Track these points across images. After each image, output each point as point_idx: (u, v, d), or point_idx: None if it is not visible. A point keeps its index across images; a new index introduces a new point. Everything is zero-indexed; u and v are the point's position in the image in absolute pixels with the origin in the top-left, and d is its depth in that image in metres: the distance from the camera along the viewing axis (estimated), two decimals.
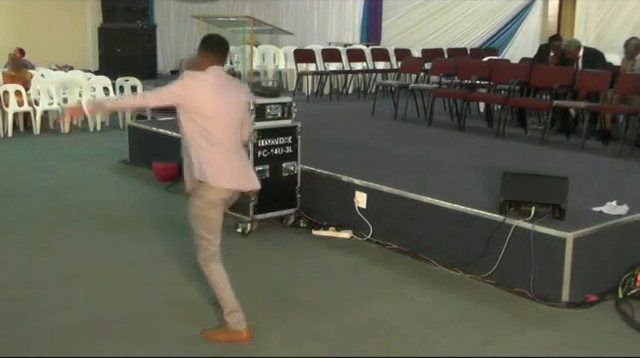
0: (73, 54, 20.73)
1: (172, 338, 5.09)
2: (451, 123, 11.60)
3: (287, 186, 7.59)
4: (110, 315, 5.47)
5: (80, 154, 11.65)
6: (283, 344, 5.05)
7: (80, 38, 21.93)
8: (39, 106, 13.98)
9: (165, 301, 5.77)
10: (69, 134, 13.86)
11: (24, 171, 10.58)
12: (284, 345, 5.04)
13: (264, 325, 5.28)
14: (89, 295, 5.87)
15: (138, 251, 6.86)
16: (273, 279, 6.30)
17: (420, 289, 6.09)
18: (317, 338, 5.14)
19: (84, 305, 5.66)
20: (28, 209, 8.47)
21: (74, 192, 9.18)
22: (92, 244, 7.15)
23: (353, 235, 7.32)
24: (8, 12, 20.97)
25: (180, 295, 5.86)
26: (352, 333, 5.23)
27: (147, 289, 6.00)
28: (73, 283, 6.12)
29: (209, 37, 5.34)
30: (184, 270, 6.30)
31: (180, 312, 5.54)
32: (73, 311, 5.54)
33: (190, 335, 5.10)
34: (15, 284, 6.11)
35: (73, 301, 5.73)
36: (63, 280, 6.19)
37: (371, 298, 5.90)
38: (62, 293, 5.89)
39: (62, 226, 7.82)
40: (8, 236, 7.45)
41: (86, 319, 5.38)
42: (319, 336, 5.18)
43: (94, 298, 5.81)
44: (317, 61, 16.40)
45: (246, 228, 7.39)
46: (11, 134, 13.56)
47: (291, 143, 7.54)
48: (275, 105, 7.43)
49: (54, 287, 6.01)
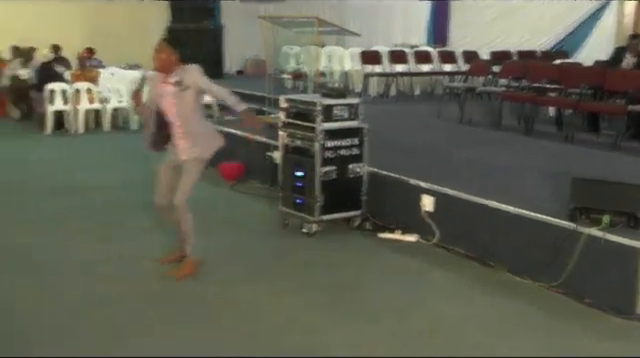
0: (142, 54, 20.95)
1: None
2: (519, 127, 11.39)
3: (353, 188, 7.53)
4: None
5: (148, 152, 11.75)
6: (345, 345, 5.02)
7: (149, 38, 22.12)
8: (109, 104, 14.20)
9: (224, 300, 5.79)
10: (138, 131, 14.02)
11: (92, 167, 10.76)
12: (346, 346, 5.01)
13: (327, 325, 5.29)
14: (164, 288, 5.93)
15: (200, 248, 6.87)
16: (337, 280, 6.27)
17: (484, 295, 5.98)
18: (378, 340, 5.10)
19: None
20: (92, 204, 8.66)
21: (139, 189, 9.26)
22: (156, 240, 7.21)
23: (419, 239, 7.24)
24: (80, 13, 21.36)
25: (241, 294, 5.87)
26: (412, 336, 5.18)
27: (210, 286, 6.04)
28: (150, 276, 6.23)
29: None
30: (247, 268, 6.31)
31: (240, 311, 5.54)
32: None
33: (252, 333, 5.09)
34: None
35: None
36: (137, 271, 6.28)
37: (433, 302, 5.82)
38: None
39: (126, 222, 7.97)
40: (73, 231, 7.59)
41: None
42: (380, 338, 5.13)
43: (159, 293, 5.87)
44: (383, 62, 16.31)
45: (311, 229, 7.36)
46: (82, 131, 13.81)
47: (357, 144, 7.48)
48: (342, 106, 7.38)
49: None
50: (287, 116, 7.60)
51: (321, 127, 7.18)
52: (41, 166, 11.04)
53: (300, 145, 7.40)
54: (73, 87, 14.11)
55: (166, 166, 6.26)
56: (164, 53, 5.98)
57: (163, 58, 5.98)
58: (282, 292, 5.96)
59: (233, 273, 6.36)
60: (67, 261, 6.68)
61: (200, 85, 6.06)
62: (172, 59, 6.00)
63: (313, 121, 7.22)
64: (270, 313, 5.52)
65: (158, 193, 6.28)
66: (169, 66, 6.00)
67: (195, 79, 6.03)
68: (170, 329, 5.24)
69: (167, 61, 5.99)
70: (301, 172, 7.41)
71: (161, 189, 6.26)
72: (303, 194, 7.41)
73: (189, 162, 6.10)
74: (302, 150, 7.37)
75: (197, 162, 6.14)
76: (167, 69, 6.01)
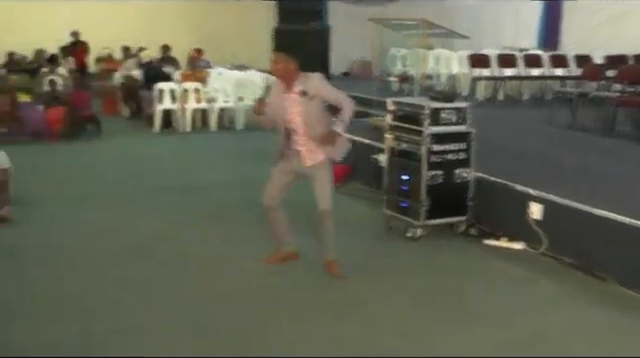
0: (248, 54, 21.26)
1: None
2: (633, 134, 11.01)
3: (459, 193, 7.43)
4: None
5: (253, 151, 11.89)
6: (447, 350, 4.98)
7: (256, 39, 22.47)
8: (216, 104, 14.44)
9: (329, 300, 5.80)
10: (244, 131, 14.24)
11: (200, 166, 10.97)
12: (448, 351, 4.96)
13: (429, 331, 5.27)
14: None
15: (305, 249, 6.90)
16: (440, 286, 6.21)
17: (592, 307, 5.80)
18: (481, 346, 5.03)
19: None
20: (201, 202, 8.86)
21: (246, 189, 9.37)
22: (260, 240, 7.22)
23: (526, 247, 7.08)
24: (189, 14, 21.84)
25: (346, 294, 5.87)
26: (515, 345, 5.09)
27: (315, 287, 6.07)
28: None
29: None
30: (351, 270, 6.31)
31: (346, 312, 5.54)
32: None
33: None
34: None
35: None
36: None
37: (537, 312, 5.68)
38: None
39: (234, 220, 8.09)
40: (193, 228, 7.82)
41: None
42: (483, 344, 5.06)
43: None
44: (492, 66, 16.05)
45: (416, 233, 7.30)
46: (189, 130, 14.08)
47: (465, 149, 7.38)
48: (450, 110, 7.29)
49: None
50: (394, 119, 7.56)
51: (428, 131, 7.10)
52: (151, 164, 11.34)
53: (406, 148, 7.34)
54: (181, 87, 14.41)
55: (281, 172, 6.31)
56: (281, 63, 5.96)
57: (280, 68, 5.97)
58: (388, 295, 5.96)
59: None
60: (189, 256, 6.92)
61: (324, 94, 6.03)
62: (291, 68, 5.96)
63: (420, 124, 7.15)
64: (376, 315, 5.53)
65: (268, 195, 6.34)
66: (289, 75, 5.97)
67: (319, 88, 6.01)
68: (287, 326, 5.35)
69: (286, 71, 5.97)
70: (407, 176, 7.36)
71: (271, 191, 6.33)
72: (408, 198, 7.35)
73: (316, 168, 6.13)
74: (408, 153, 7.32)
75: (324, 165, 6.16)
76: (287, 79, 5.99)
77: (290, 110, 6.03)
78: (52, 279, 6.27)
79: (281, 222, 6.45)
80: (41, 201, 8.88)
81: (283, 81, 6.03)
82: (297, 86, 5.97)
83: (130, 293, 5.96)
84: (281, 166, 6.30)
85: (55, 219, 8.15)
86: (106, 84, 17.38)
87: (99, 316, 5.48)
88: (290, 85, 6.00)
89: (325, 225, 6.23)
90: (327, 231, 6.25)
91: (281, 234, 6.53)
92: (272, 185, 6.33)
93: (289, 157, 6.22)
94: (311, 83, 5.98)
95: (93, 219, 8.14)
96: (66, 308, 5.65)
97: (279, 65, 5.96)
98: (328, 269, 6.33)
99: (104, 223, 7.98)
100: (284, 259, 6.58)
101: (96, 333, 5.19)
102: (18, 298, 5.85)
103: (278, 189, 6.31)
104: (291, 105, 6.01)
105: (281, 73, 5.99)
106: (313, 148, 6.09)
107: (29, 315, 5.50)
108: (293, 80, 5.98)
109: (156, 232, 7.66)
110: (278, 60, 5.96)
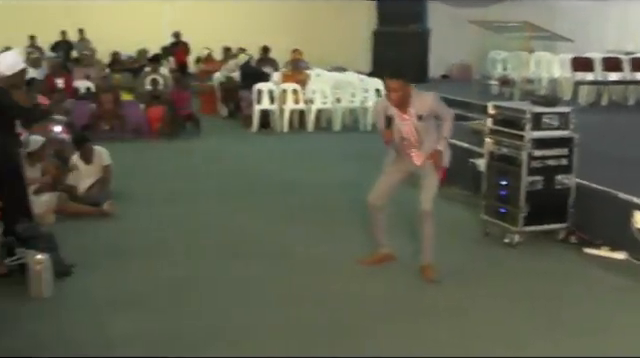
0: (347, 56, 21.31)
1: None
2: None
3: (559, 199, 7.26)
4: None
5: (350, 153, 11.92)
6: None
7: (354, 41, 22.51)
8: (313, 105, 14.51)
9: (428, 304, 5.73)
10: (340, 133, 14.28)
11: (297, 166, 11.06)
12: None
13: (528, 336, 5.23)
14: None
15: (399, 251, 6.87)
16: (538, 293, 6.11)
17: None
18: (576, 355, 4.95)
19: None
20: (298, 202, 8.95)
21: (342, 189, 9.42)
22: (355, 241, 7.28)
23: (629, 257, 6.87)
24: (288, 15, 21.99)
25: (443, 298, 5.81)
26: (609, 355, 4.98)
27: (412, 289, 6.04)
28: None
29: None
30: (448, 273, 6.28)
31: (444, 315, 5.50)
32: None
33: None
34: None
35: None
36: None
37: (636, 325, 5.51)
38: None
39: (329, 220, 8.14)
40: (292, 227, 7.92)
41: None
42: (578, 354, 4.97)
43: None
44: (595, 70, 15.64)
45: (514, 239, 7.19)
46: (286, 130, 14.20)
47: (567, 155, 7.21)
48: (552, 115, 7.15)
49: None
50: (494, 123, 7.46)
51: (529, 135, 6.98)
52: (250, 163, 11.47)
53: (506, 153, 7.23)
54: (280, 87, 14.54)
55: (395, 171, 6.36)
56: (399, 91, 5.92)
57: (400, 96, 5.93)
58: (484, 300, 5.91)
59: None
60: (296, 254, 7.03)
61: (437, 112, 6.12)
62: (407, 92, 5.96)
63: (521, 129, 7.03)
64: (472, 320, 5.49)
65: (375, 194, 6.39)
66: (405, 100, 5.97)
67: (432, 108, 6.07)
68: (381, 328, 5.36)
69: (403, 97, 5.95)
70: (506, 181, 7.25)
71: (380, 191, 6.38)
72: (507, 203, 7.24)
73: (427, 169, 6.18)
74: (508, 158, 7.20)
75: (433, 168, 6.21)
76: (404, 104, 5.99)
77: (404, 129, 6.08)
78: (152, 274, 6.43)
79: (382, 223, 6.50)
80: (141, 197, 9.11)
81: (398, 107, 6.02)
82: (411, 109, 6.00)
83: (230, 291, 6.07)
84: (393, 165, 6.34)
85: (155, 215, 8.34)
86: (205, 84, 17.68)
87: (198, 313, 5.59)
88: (404, 108, 6.02)
89: (425, 227, 6.23)
90: (426, 233, 6.25)
91: (380, 235, 6.58)
92: (381, 184, 6.38)
93: (401, 157, 6.27)
94: (425, 104, 6.02)
95: (193, 216, 8.30)
96: (167, 304, 5.79)
97: (396, 93, 5.93)
98: (423, 273, 6.30)
99: (204, 220, 8.14)
100: (380, 261, 6.58)
101: (196, 329, 5.29)
102: (121, 292, 6.02)
103: (386, 188, 6.37)
104: (406, 125, 6.06)
105: (398, 101, 5.97)
106: (423, 152, 6.16)
107: (129, 308, 5.64)
108: (408, 102, 5.99)
109: (256, 231, 7.76)
110: (394, 88, 5.93)
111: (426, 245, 6.29)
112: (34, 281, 5.84)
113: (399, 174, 6.36)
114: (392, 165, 6.35)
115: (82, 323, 5.37)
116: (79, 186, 8.71)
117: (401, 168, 6.32)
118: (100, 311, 5.58)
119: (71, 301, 5.82)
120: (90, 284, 6.15)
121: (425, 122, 6.06)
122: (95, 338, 5.13)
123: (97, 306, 5.69)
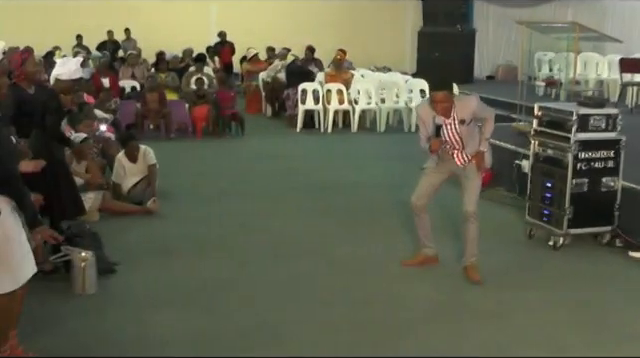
0: (391, 56, 21.29)
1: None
2: None
3: (605, 202, 7.17)
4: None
5: (394, 153, 11.89)
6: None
7: (399, 41, 22.48)
8: (358, 105, 14.49)
9: (471, 307, 5.71)
10: (385, 133, 14.24)
11: (341, 166, 11.06)
12: None
13: (576, 344, 5.14)
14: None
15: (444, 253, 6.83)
16: (584, 297, 6.02)
17: None
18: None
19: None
20: (342, 202, 8.95)
21: (386, 190, 9.40)
22: (398, 242, 7.29)
23: None
24: (333, 15, 21.99)
25: (487, 302, 5.76)
26: None
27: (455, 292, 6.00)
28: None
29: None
30: (491, 276, 6.24)
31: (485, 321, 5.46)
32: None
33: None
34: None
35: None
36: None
37: None
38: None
39: (373, 221, 8.13)
40: (324, 228, 7.89)
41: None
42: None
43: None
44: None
45: (558, 241, 7.11)
46: (330, 130, 14.20)
47: (613, 157, 7.11)
48: (599, 116, 7.04)
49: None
50: (540, 124, 7.38)
51: (576, 137, 6.89)
52: (294, 162, 11.50)
53: (552, 155, 7.14)
54: (325, 87, 14.55)
55: (437, 171, 6.35)
56: (445, 102, 5.96)
57: (444, 107, 5.97)
58: (527, 303, 5.86)
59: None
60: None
61: (479, 115, 6.16)
62: (451, 103, 6.02)
63: (567, 131, 6.95)
64: (516, 322, 5.45)
65: (418, 194, 6.40)
66: (450, 109, 6.02)
67: (475, 112, 6.11)
68: (425, 329, 5.37)
69: (448, 108, 6.00)
70: (551, 183, 7.16)
71: (422, 191, 6.38)
72: (551, 205, 7.16)
73: (470, 169, 6.20)
74: (553, 160, 7.12)
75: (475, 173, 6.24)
76: (448, 112, 6.02)
77: (447, 134, 6.09)
78: (195, 274, 6.47)
79: (425, 224, 6.51)
80: (185, 196, 9.18)
81: (444, 116, 6.03)
82: (454, 114, 6.03)
83: (272, 291, 6.09)
84: (435, 166, 6.34)
85: (198, 214, 8.40)
86: (250, 83, 17.75)
87: (239, 312, 5.62)
88: (448, 113, 6.03)
89: (469, 228, 6.23)
90: (470, 234, 6.24)
91: (424, 236, 6.56)
92: (423, 185, 6.39)
93: (443, 159, 6.26)
94: (468, 108, 6.07)
95: (236, 215, 8.33)
96: (210, 303, 5.82)
97: (443, 104, 5.96)
98: (467, 274, 6.28)
99: (246, 220, 8.16)
100: (423, 263, 6.57)
101: (238, 329, 5.32)
102: (164, 290, 6.08)
103: (429, 190, 6.37)
104: (449, 130, 6.07)
105: (444, 111, 6.00)
106: (466, 153, 6.17)
107: (172, 306, 5.68)
108: (451, 110, 6.03)
109: (297, 231, 7.79)
110: (441, 100, 5.96)
111: (470, 246, 6.27)
112: (78, 278, 5.91)
113: (441, 175, 6.35)
114: (434, 166, 6.35)
115: (125, 321, 5.42)
116: (124, 184, 8.80)
117: (443, 169, 6.31)
118: (143, 309, 5.63)
119: (114, 299, 5.88)
120: (133, 282, 6.21)
121: (468, 127, 6.07)
122: (137, 336, 5.16)
123: (140, 304, 5.74)
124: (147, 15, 21.10)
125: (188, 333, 5.22)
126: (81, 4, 20.50)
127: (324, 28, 21.44)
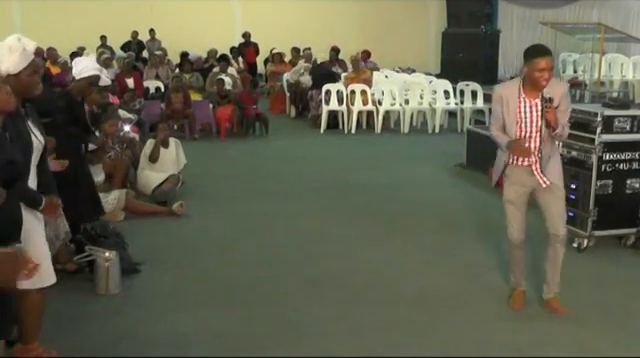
0: (416, 57, 21.28)
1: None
2: None
3: (630, 204, 7.11)
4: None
5: (417, 154, 11.89)
6: None
7: (423, 42, 22.46)
8: (382, 106, 14.49)
9: (493, 314, 5.70)
10: (408, 134, 14.23)
11: (364, 167, 11.07)
12: None
13: (602, 348, 5.08)
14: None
15: (467, 254, 6.82)
16: (606, 300, 5.97)
17: None
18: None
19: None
20: (365, 203, 8.96)
21: (409, 191, 9.40)
22: (420, 243, 7.31)
23: None
24: (358, 16, 22.01)
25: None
26: None
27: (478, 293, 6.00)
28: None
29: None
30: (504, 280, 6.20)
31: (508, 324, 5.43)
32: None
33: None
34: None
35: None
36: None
37: None
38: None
39: (395, 222, 8.14)
40: (347, 228, 7.87)
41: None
42: None
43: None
44: None
45: (582, 243, 7.08)
46: (354, 131, 14.21)
47: (638, 159, 7.05)
48: (624, 118, 6.99)
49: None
50: None
51: (600, 139, 6.85)
52: (319, 163, 11.58)
53: (576, 156, 7.11)
54: (349, 88, 14.56)
55: (519, 196, 5.55)
56: (551, 70, 5.18)
57: (550, 77, 5.19)
58: None
59: (498, 281, 6.31)
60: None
61: (565, 103, 5.35)
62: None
63: (592, 132, 6.91)
64: (541, 326, 5.41)
65: (517, 228, 5.63)
66: (549, 80, 5.19)
67: (562, 99, 5.28)
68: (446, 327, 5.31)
69: (550, 78, 5.20)
70: (575, 184, 7.12)
71: (519, 224, 5.63)
72: (575, 207, 7.12)
73: (554, 185, 5.47)
74: (578, 161, 7.08)
75: (559, 180, 5.52)
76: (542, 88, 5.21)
77: (529, 119, 5.30)
78: (220, 274, 6.49)
79: (523, 259, 5.84)
80: (209, 196, 9.24)
81: (539, 88, 5.22)
82: (542, 92, 5.24)
83: (298, 289, 6.11)
84: (514, 187, 5.53)
85: (222, 214, 8.44)
86: (274, 84, 17.80)
87: (263, 313, 5.63)
88: (536, 91, 5.27)
89: (558, 253, 5.57)
90: (559, 261, 5.60)
91: (520, 272, 5.86)
92: (517, 217, 5.60)
93: (517, 173, 5.50)
94: (560, 89, 5.31)
95: (260, 216, 8.36)
96: (234, 303, 5.84)
97: (548, 74, 5.15)
98: (550, 307, 5.68)
99: (271, 221, 8.18)
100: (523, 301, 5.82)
101: (261, 329, 5.34)
102: (188, 290, 6.10)
103: (522, 218, 5.61)
104: (532, 114, 5.28)
105: (548, 81, 5.17)
106: (545, 162, 5.40)
107: (195, 306, 5.71)
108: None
109: (327, 230, 7.80)
110: (547, 67, 5.14)
111: (556, 275, 5.63)
112: (102, 278, 5.95)
113: (524, 197, 5.55)
114: (512, 190, 5.54)
115: (148, 321, 5.44)
116: (149, 183, 8.85)
117: (524, 187, 5.51)
118: (166, 309, 5.65)
119: (138, 299, 5.91)
120: (158, 282, 6.25)
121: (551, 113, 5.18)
122: (161, 336, 5.19)
123: (164, 304, 5.77)
124: (172, 16, 21.22)
125: (212, 333, 5.23)
126: (105, 4, 20.65)
127: (348, 29, 21.47)
